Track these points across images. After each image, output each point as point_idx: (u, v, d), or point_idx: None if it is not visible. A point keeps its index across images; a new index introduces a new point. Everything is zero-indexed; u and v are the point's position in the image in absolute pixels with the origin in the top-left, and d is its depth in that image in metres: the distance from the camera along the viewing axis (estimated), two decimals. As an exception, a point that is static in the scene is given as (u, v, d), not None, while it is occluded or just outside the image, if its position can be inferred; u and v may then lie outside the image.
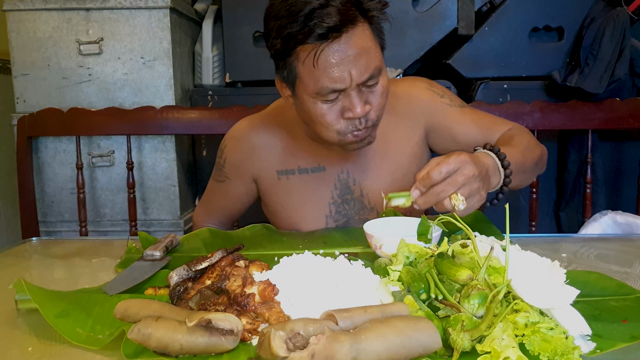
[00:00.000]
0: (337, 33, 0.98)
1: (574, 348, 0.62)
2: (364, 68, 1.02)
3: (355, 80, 1.02)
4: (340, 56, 1.00)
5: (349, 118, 1.06)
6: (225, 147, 1.32)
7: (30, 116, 1.88)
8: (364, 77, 1.02)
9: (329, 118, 1.06)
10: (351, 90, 1.03)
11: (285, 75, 1.08)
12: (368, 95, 1.06)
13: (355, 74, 1.01)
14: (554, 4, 1.93)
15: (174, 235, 1.10)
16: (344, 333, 0.62)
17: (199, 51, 2.15)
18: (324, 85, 1.02)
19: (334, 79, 1.01)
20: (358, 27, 1.01)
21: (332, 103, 1.05)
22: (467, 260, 0.78)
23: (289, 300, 0.77)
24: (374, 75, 1.04)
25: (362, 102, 1.05)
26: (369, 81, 1.04)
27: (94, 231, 1.99)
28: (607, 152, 2.01)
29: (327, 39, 0.98)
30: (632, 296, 0.81)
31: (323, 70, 1.01)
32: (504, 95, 1.95)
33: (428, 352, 0.63)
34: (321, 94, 1.03)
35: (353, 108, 1.04)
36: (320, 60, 1.00)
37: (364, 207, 1.25)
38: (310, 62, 1.01)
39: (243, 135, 1.29)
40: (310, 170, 1.25)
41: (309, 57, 1.01)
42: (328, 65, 1.00)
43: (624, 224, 1.43)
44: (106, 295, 0.83)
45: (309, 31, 0.98)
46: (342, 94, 1.04)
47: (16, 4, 1.92)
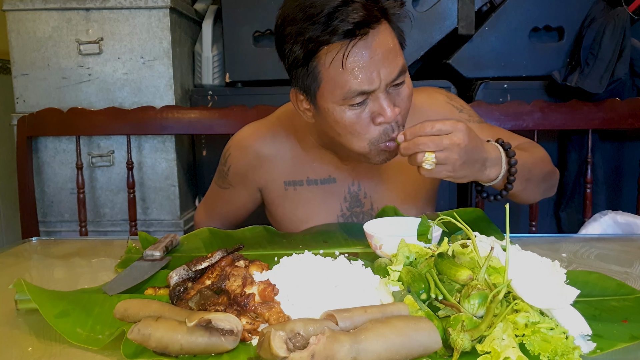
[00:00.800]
0: (364, 29, 0.94)
1: (574, 348, 0.62)
2: (392, 67, 0.98)
3: (384, 80, 0.98)
4: (369, 55, 0.96)
5: (380, 123, 1.00)
6: (229, 155, 1.27)
7: (30, 116, 1.88)
8: (393, 75, 0.98)
9: (359, 126, 1.01)
10: (379, 93, 0.98)
11: (306, 84, 1.01)
12: (396, 97, 1.02)
13: (385, 73, 0.97)
14: (554, 4, 1.93)
15: (174, 235, 1.10)
16: (344, 333, 0.62)
17: (199, 51, 2.15)
18: (352, 88, 0.97)
19: (363, 80, 0.96)
20: (382, 25, 0.98)
21: (360, 109, 1.00)
22: (467, 260, 0.78)
23: (289, 300, 0.77)
24: (401, 74, 1.01)
25: (392, 104, 1.00)
26: (396, 81, 1.00)
27: (94, 231, 1.99)
28: (607, 152, 2.00)
29: (354, 36, 0.94)
30: (632, 296, 0.81)
31: (351, 71, 0.96)
32: (504, 95, 1.95)
33: (428, 352, 0.63)
34: (348, 97, 0.98)
35: (384, 112, 0.99)
36: (348, 61, 0.95)
37: None
38: (338, 64, 0.95)
39: (249, 144, 1.23)
40: (320, 182, 1.21)
41: (336, 58, 0.95)
42: (356, 66, 0.96)
43: (624, 224, 1.43)
44: (106, 295, 0.83)
45: (333, 30, 0.93)
46: (370, 98, 0.99)
47: (16, 4, 1.92)
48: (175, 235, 1.11)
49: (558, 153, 2.05)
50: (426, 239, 0.87)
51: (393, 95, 1.02)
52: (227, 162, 1.27)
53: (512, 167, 1.01)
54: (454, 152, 0.91)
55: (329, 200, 1.21)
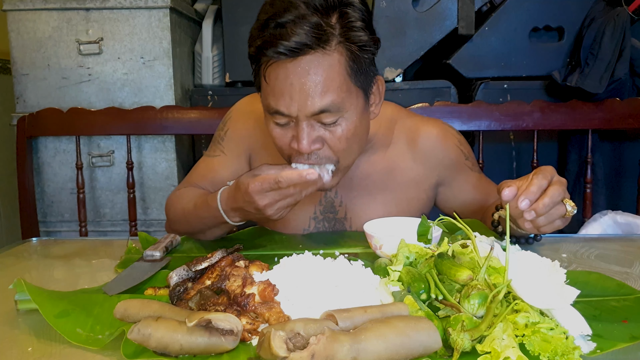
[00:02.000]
0: (294, 54, 0.91)
1: (574, 348, 0.62)
2: (315, 101, 0.93)
3: (301, 111, 0.94)
4: (290, 79, 0.92)
5: (294, 149, 0.98)
6: (229, 118, 1.26)
7: (30, 116, 1.88)
8: (312, 109, 0.93)
9: (279, 142, 1.01)
10: (302, 122, 0.95)
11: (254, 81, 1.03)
12: (324, 132, 0.97)
13: (303, 104, 0.93)
14: (554, 4, 1.93)
15: (174, 235, 1.10)
16: (343, 333, 0.62)
17: (199, 51, 2.15)
18: (271, 105, 0.96)
19: (280, 101, 0.94)
20: (327, 56, 0.92)
21: (284, 127, 0.99)
22: (467, 260, 0.78)
23: (289, 300, 0.77)
24: (328, 111, 0.94)
25: (311, 138, 0.96)
26: (320, 116, 0.95)
27: (94, 231, 1.99)
28: (607, 152, 2.00)
29: (283, 56, 0.91)
30: (632, 296, 0.81)
31: (272, 88, 0.95)
32: (504, 95, 1.95)
33: (428, 352, 0.63)
34: (270, 112, 0.98)
35: (299, 142, 0.96)
36: (270, 76, 0.94)
37: (344, 230, 1.20)
38: (263, 75, 0.96)
39: (250, 109, 1.23)
40: None
41: (264, 68, 0.95)
42: (276, 84, 0.94)
43: (624, 224, 1.43)
44: (106, 295, 0.83)
45: (270, 43, 0.91)
46: (294, 121, 0.97)
47: (16, 4, 1.92)
48: (175, 235, 1.11)
49: (558, 153, 2.05)
50: (426, 240, 0.87)
51: (319, 130, 0.97)
52: (226, 125, 1.26)
53: None
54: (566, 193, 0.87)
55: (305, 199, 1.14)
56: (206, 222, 1.09)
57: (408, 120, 1.21)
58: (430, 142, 1.18)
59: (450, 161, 1.19)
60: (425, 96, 1.96)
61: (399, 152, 1.17)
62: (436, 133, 1.19)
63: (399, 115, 1.21)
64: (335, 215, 1.20)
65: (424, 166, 1.18)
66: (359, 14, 0.96)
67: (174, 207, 1.19)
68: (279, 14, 0.91)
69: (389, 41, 1.94)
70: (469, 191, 1.20)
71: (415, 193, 1.19)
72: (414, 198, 1.19)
